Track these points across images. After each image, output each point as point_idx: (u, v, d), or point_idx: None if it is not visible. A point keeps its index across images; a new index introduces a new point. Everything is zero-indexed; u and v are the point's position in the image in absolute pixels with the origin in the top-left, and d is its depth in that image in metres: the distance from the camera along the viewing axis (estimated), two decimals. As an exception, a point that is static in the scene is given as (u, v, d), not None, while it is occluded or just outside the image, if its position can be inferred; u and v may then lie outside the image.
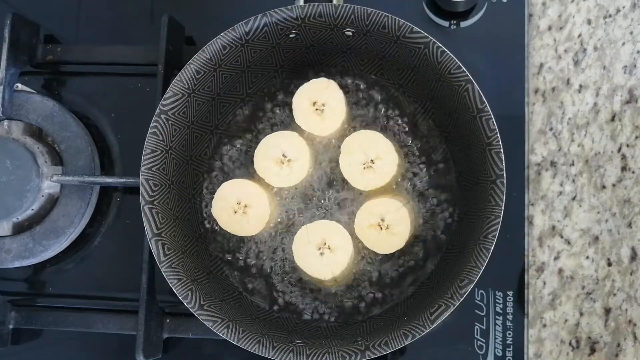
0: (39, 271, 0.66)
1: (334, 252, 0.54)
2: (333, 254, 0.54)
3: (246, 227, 0.56)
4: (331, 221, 0.55)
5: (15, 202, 0.61)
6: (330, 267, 0.54)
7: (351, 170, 0.55)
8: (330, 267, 0.54)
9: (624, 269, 0.61)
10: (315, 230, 0.54)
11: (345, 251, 0.54)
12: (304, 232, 0.54)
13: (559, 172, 0.63)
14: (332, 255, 0.54)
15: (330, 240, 0.54)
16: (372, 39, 0.55)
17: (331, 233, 0.54)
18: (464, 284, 0.49)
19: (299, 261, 0.54)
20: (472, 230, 0.52)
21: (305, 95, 0.56)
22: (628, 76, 0.63)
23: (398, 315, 0.55)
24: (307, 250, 0.54)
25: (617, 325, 0.60)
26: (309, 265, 0.54)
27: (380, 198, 0.55)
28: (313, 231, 0.54)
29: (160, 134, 0.54)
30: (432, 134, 0.59)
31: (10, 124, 0.64)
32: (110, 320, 0.62)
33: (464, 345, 0.60)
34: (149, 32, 0.67)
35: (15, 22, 0.63)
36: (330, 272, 0.54)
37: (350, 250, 0.54)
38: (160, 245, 0.52)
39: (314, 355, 0.50)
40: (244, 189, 0.55)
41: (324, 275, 0.54)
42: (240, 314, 0.54)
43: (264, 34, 0.54)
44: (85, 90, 0.68)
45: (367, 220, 0.54)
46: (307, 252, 0.54)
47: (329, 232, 0.54)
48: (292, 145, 0.56)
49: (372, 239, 0.55)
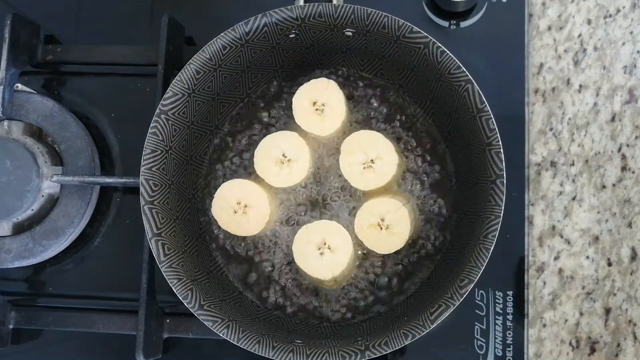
0: (39, 271, 0.66)
1: (334, 252, 0.54)
2: (333, 254, 0.54)
3: (246, 227, 0.56)
4: (331, 221, 0.55)
5: (15, 202, 0.61)
6: (330, 267, 0.54)
7: (351, 170, 0.55)
8: (330, 267, 0.54)
9: (624, 269, 0.61)
10: (315, 230, 0.54)
11: (345, 251, 0.54)
12: (304, 232, 0.54)
13: (559, 172, 0.63)
14: (332, 255, 0.54)
15: (330, 240, 0.54)
16: (372, 39, 0.55)
17: (331, 233, 0.54)
18: (464, 284, 0.49)
19: (299, 261, 0.54)
20: (472, 230, 0.52)
21: (305, 95, 0.56)
22: (628, 76, 0.63)
23: (398, 315, 0.55)
24: (307, 250, 0.54)
25: (617, 325, 0.60)
26: (309, 265, 0.54)
27: (380, 198, 0.55)
28: (313, 231, 0.54)
29: (160, 134, 0.54)
30: (432, 134, 0.59)
31: (10, 124, 0.64)
32: (110, 320, 0.62)
33: (464, 345, 0.60)
34: (149, 32, 0.67)
35: (15, 22, 0.63)
36: (330, 272, 0.54)
37: (350, 250, 0.54)
38: (160, 245, 0.52)
39: (314, 355, 0.50)
40: (244, 188, 0.55)
41: (324, 275, 0.54)
42: (240, 314, 0.54)
43: (264, 34, 0.54)
44: (85, 90, 0.68)
45: (367, 220, 0.54)
46: (307, 252, 0.54)
47: (329, 232, 0.54)
48: (292, 145, 0.56)
49: (372, 238, 0.55)
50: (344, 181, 0.57)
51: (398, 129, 0.59)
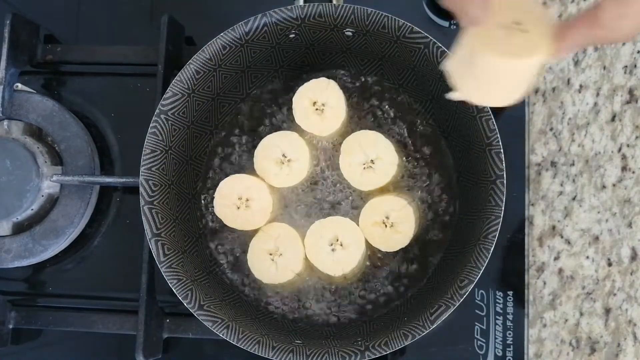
0: (39, 271, 0.66)
1: (345, 249, 0.54)
2: (345, 251, 0.54)
3: (251, 221, 0.56)
4: (345, 218, 0.55)
5: (15, 202, 0.61)
6: (341, 263, 0.54)
7: (351, 171, 0.55)
8: (340, 263, 0.54)
9: (624, 269, 0.61)
10: (329, 226, 0.54)
11: (357, 248, 0.54)
12: (317, 226, 0.54)
13: (559, 172, 0.63)
14: (343, 252, 0.54)
15: (342, 237, 0.54)
16: (372, 39, 0.55)
17: (344, 230, 0.54)
18: (464, 284, 0.49)
19: (310, 255, 0.54)
20: (472, 230, 0.52)
21: (305, 95, 0.56)
22: (628, 76, 0.63)
23: (398, 316, 0.55)
24: (319, 245, 0.54)
25: (617, 325, 0.60)
26: (321, 260, 0.54)
27: (385, 196, 0.55)
28: (326, 226, 0.54)
29: (160, 134, 0.54)
30: (432, 134, 0.59)
31: (10, 124, 0.64)
32: (110, 320, 0.62)
33: (464, 345, 0.60)
34: (149, 32, 0.67)
35: (15, 22, 0.63)
36: (340, 269, 0.54)
37: (362, 248, 0.54)
38: (160, 245, 0.52)
39: (314, 355, 0.50)
40: (243, 183, 0.55)
41: (334, 272, 0.54)
42: (240, 314, 0.54)
43: (264, 34, 0.54)
44: (85, 90, 0.68)
45: (371, 217, 0.54)
46: (319, 247, 0.54)
47: (342, 228, 0.54)
48: (292, 145, 0.56)
49: (376, 236, 0.55)
50: (344, 180, 0.57)
51: (398, 129, 0.59)
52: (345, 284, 0.58)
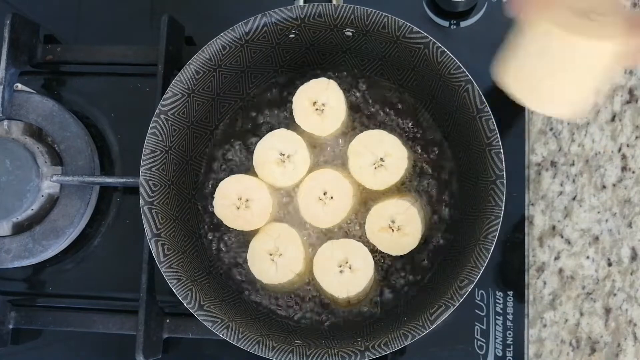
0: (39, 271, 0.66)
1: (354, 273, 0.54)
2: (353, 274, 0.53)
3: (251, 221, 0.55)
4: (359, 242, 0.54)
5: (15, 202, 0.61)
6: (347, 286, 0.53)
7: (363, 173, 0.55)
8: (347, 286, 0.53)
9: (624, 269, 0.61)
10: (341, 247, 0.54)
11: (365, 274, 0.53)
12: (329, 246, 0.54)
13: (559, 172, 0.63)
14: (351, 275, 0.53)
15: (353, 261, 0.54)
16: (372, 39, 0.55)
17: (356, 254, 0.54)
18: (463, 284, 0.49)
19: (318, 274, 0.54)
20: (472, 230, 0.52)
21: (305, 95, 0.56)
22: (628, 76, 0.63)
23: (398, 316, 0.55)
24: (327, 265, 0.54)
25: (617, 325, 0.60)
26: (327, 281, 0.54)
27: (387, 200, 0.55)
28: (338, 247, 0.54)
29: (160, 134, 0.54)
30: (432, 134, 0.59)
31: (10, 124, 0.64)
32: (110, 320, 0.62)
33: (464, 345, 0.60)
34: (149, 32, 0.67)
35: (15, 22, 0.63)
36: (345, 292, 0.53)
37: (370, 274, 0.54)
38: (160, 245, 0.52)
39: (314, 355, 0.50)
40: (243, 183, 0.55)
41: (339, 293, 0.54)
42: (240, 314, 0.54)
43: (264, 34, 0.54)
44: (85, 90, 0.68)
45: (377, 223, 0.54)
46: (327, 267, 0.54)
47: (354, 252, 0.54)
48: (291, 145, 0.56)
49: (384, 242, 0.54)
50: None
51: (398, 129, 0.59)
52: (348, 309, 0.57)
